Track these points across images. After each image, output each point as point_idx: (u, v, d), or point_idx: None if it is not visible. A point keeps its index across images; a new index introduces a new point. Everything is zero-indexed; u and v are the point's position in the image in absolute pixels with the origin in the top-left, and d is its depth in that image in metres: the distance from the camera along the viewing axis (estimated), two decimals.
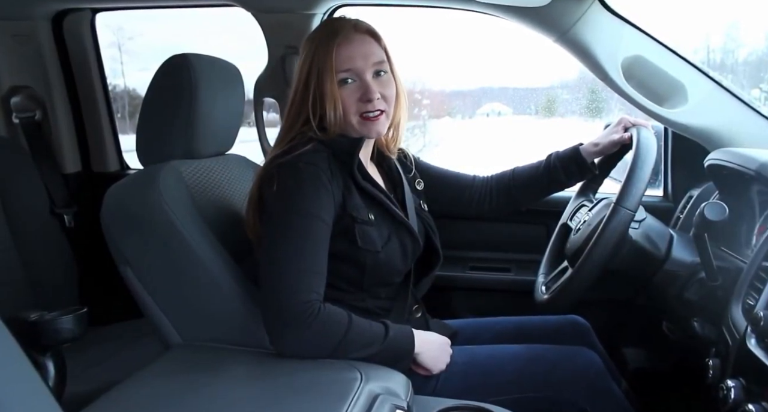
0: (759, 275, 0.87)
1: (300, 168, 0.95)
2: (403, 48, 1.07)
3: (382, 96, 1.00)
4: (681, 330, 1.14)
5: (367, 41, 1.01)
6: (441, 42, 2.88)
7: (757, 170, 0.99)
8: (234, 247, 1.06)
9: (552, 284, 1.18)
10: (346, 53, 0.98)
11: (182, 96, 1.08)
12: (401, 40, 1.07)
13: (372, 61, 1.00)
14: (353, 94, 0.99)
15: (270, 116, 1.74)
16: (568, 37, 1.25)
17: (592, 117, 2.63)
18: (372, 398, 0.77)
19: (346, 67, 0.98)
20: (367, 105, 0.99)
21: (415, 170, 1.21)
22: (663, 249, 1.08)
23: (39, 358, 0.83)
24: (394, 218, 1.04)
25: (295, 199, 0.93)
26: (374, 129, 1.01)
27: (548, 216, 1.51)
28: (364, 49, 1.00)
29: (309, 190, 0.94)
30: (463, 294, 1.66)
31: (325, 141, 1.00)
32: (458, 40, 2.67)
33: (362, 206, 1.00)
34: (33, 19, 1.71)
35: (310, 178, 0.95)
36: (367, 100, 0.99)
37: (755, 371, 0.73)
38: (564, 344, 1.18)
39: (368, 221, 0.99)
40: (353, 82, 0.99)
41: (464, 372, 1.03)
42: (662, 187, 1.58)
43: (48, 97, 1.76)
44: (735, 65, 2.89)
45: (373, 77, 1.00)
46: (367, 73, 0.99)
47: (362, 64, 0.99)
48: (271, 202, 0.95)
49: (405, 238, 1.04)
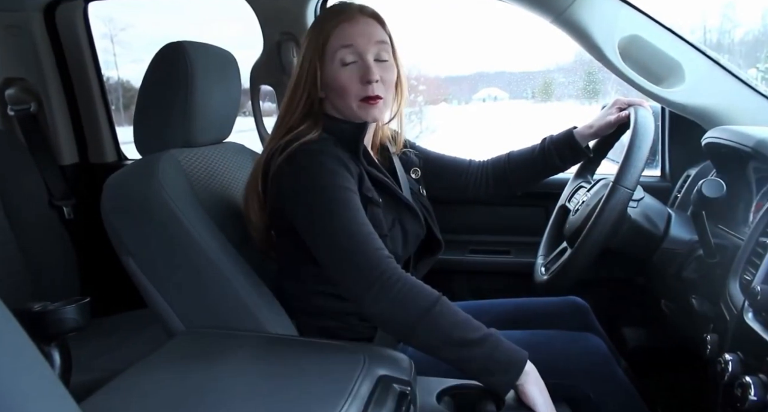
0: (756, 250, 0.88)
1: (315, 150, 0.95)
2: (398, 34, 1.07)
3: (382, 79, 0.99)
4: (680, 308, 1.15)
5: (371, 23, 1.01)
6: (436, 27, 2.86)
7: (753, 147, 0.99)
8: (234, 234, 1.06)
9: (551, 265, 1.19)
10: (348, 31, 0.98)
11: (179, 84, 1.07)
12: (397, 26, 1.06)
13: (375, 39, 0.99)
14: (354, 75, 0.98)
15: (265, 105, 1.74)
16: (564, 17, 1.25)
17: (588, 100, 2.63)
18: (376, 379, 0.78)
19: (348, 43, 0.98)
20: (367, 88, 0.98)
21: (412, 157, 1.21)
22: (661, 228, 1.09)
23: (44, 348, 0.84)
24: (400, 201, 1.04)
25: (324, 176, 0.93)
26: (372, 114, 1.00)
27: (547, 198, 1.51)
28: (368, 29, 0.99)
29: (332, 166, 0.94)
30: (463, 277, 1.67)
31: (329, 127, 1.00)
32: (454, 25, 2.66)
33: (371, 188, 1.00)
34: (24, 10, 1.69)
35: (329, 157, 0.95)
36: (366, 81, 0.98)
37: (752, 345, 0.74)
38: (564, 325, 1.19)
39: (378, 202, 1.00)
40: (354, 62, 0.99)
41: None
42: (660, 166, 1.59)
43: (42, 88, 1.75)
44: (731, 45, 2.88)
45: (374, 61, 0.99)
46: (369, 53, 0.99)
47: (364, 43, 0.98)
48: (299, 190, 0.94)
49: (408, 222, 1.04)
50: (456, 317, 0.86)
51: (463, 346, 0.84)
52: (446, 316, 0.86)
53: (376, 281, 0.86)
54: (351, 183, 0.94)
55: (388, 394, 0.76)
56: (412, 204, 1.06)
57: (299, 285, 1.05)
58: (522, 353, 0.87)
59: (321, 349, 0.89)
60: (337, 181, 0.92)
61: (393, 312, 0.86)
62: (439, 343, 0.85)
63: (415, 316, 0.85)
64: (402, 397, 0.77)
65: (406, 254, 1.07)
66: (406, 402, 0.78)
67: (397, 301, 0.85)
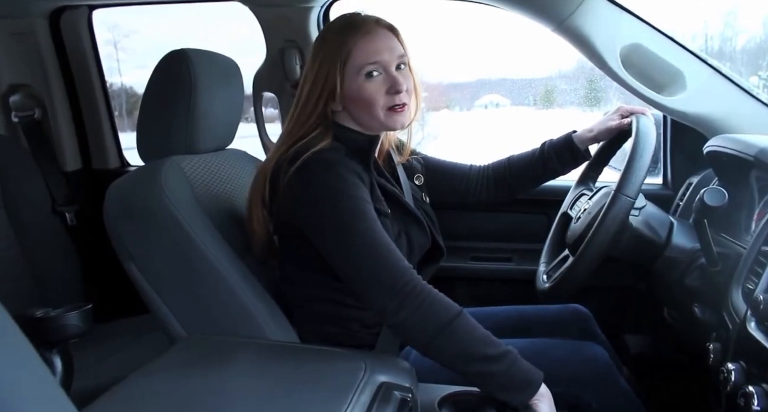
0: (758, 259, 0.88)
1: (330, 160, 0.95)
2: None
3: (406, 89, 1.00)
4: (682, 316, 1.15)
5: (389, 36, 1.00)
6: (438, 34, 2.87)
7: (755, 156, 1.00)
8: (236, 240, 1.07)
9: (553, 272, 1.19)
10: (372, 46, 0.98)
11: (182, 91, 1.08)
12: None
13: (397, 54, 0.99)
14: (381, 87, 0.98)
15: (268, 111, 1.75)
16: (566, 25, 1.25)
17: (590, 107, 2.63)
18: (377, 387, 0.78)
19: (373, 60, 0.97)
20: (395, 97, 0.98)
21: (415, 164, 1.21)
22: (663, 236, 1.08)
23: (46, 354, 0.84)
24: (406, 211, 1.04)
25: (342, 187, 0.93)
26: (400, 121, 1.00)
27: (548, 205, 1.51)
28: (389, 43, 0.99)
29: (348, 177, 0.94)
30: (465, 284, 1.67)
31: (340, 137, 1.00)
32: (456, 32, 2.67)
33: (380, 199, 1.00)
34: (30, 16, 1.70)
35: (344, 167, 0.95)
36: (395, 91, 0.98)
37: (755, 354, 0.74)
38: (566, 333, 1.19)
39: (387, 214, 1.00)
40: (379, 74, 0.98)
41: None
42: (662, 174, 1.59)
43: (47, 95, 1.76)
44: (733, 53, 2.88)
45: (396, 70, 0.99)
46: (393, 66, 0.99)
47: (388, 57, 0.98)
48: (315, 201, 0.94)
49: (413, 232, 1.04)
50: (475, 331, 0.88)
51: (481, 361, 0.86)
52: (466, 330, 0.87)
53: (400, 291, 0.87)
54: (366, 194, 0.95)
55: (389, 401, 0.76)
56: (418, 215, 1.06)
57: (301, 291, 1.05)
58: (538, 374, 0.88)
59: (322, 356, 0.89)
60: (354, 192, 0.93)
61: (414, 323, 0.87)
62: (457, 356, 0.87)
63: (436, 328, 0.86)
64: (403, 404, 0.77)
65: (412, 262, 1.07)
66: (408, 409, 0.78)
67: (419, 312, 0.87)
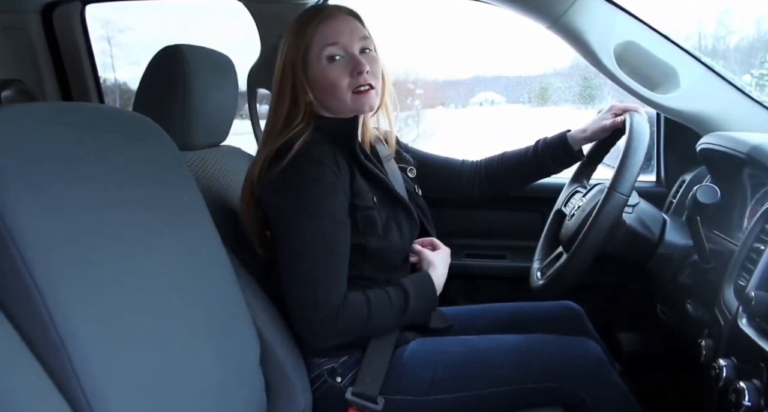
0: (750, 256, 0.88)
1: (304, 170, 0.95)
2: (396, 38, 1.07)
3: (371, 71, 1.00)
4: (675, 313, 1.15)
5: (349, 19, 1.02)
6: (434, 31, 2.87)
7: (748, 153, 1.00)
8: (231, 237, 1.06)
9: (547, 269, 1.19)
10: (331, 29, 0.99)
11: (176, 88, 1.07)
12: (394, 30, 1.07)
13: (358, 35, 1.01)
14: (343, 69, 0.99)
15: (262, 108, 1.74)
16: (560, 23, 1.25)
17: (585, 105, 2.64)
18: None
19: (333, 41, 0.99)
20: (359, 78, 0.99)
21: (407, 156, 1.22)
22: (656, 233, 1.09)
23: None
24: (394, 197, 1.05)
25: (306, 204, 0.94)
26: (367, 103, 1.01)
27: (543, 203, 1.52)
28: (350, 25, 1.01)
29: (319, 192, 0.95)
30: (459, 281, 1.67)
31: (320, 126, 1.00)
32: (451, 30, 2.67)
33: (366, 188, 1.00)
34: (22, 11, 1.69)
35: (319, 178, 0.95)
36: (357, 72, 0.99)
37: (747, 350, 0.75)
38: (559, 330, 1.19)
39: (372, 205, 1.00)
40: (341, 58, 0.99)
41: (464, 363, 1.03)
42: (655, 172, 1.59)
43: (39, 90, 1.75)
44: (726, 51, 2.90)
45: (359, 53, 1.00)
46: (355, 47, 1.00)
47: (349, 39, 0.99)
48: (283, 209, 0.96)
49: (402, 219, 1.05)
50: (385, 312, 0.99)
51: (401, 314, 1.00)
52: (381, 310, 0.98)
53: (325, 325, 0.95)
54: (338, 209, 0.96)
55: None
56: (406, 201, 1.07)
57: None
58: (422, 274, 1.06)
59: None
60: (321, 209, 0.95)
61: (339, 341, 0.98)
62: (387, 326, 1.02)
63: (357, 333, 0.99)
64: None
65: (403, 248, 1.07)
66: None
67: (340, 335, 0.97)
